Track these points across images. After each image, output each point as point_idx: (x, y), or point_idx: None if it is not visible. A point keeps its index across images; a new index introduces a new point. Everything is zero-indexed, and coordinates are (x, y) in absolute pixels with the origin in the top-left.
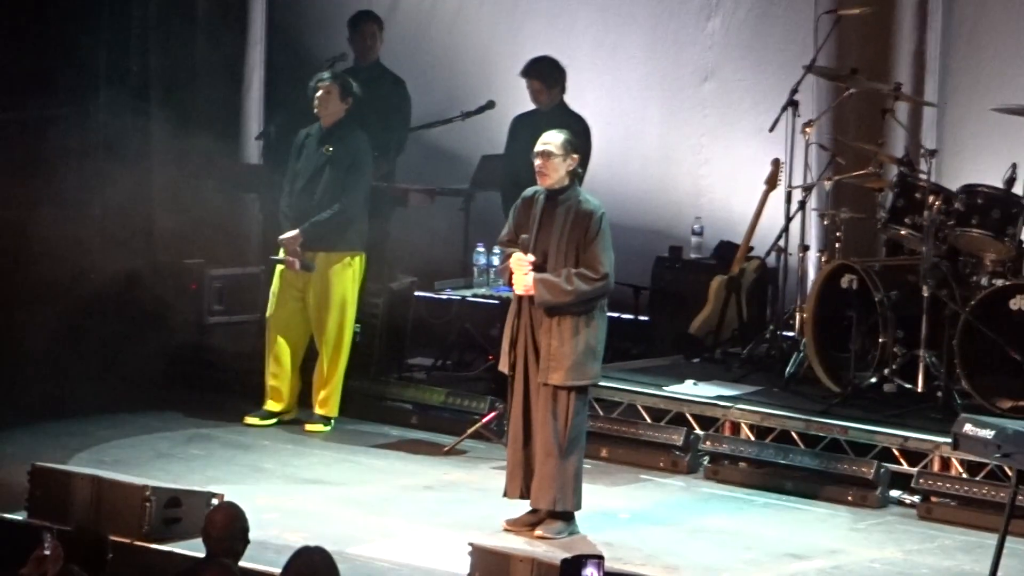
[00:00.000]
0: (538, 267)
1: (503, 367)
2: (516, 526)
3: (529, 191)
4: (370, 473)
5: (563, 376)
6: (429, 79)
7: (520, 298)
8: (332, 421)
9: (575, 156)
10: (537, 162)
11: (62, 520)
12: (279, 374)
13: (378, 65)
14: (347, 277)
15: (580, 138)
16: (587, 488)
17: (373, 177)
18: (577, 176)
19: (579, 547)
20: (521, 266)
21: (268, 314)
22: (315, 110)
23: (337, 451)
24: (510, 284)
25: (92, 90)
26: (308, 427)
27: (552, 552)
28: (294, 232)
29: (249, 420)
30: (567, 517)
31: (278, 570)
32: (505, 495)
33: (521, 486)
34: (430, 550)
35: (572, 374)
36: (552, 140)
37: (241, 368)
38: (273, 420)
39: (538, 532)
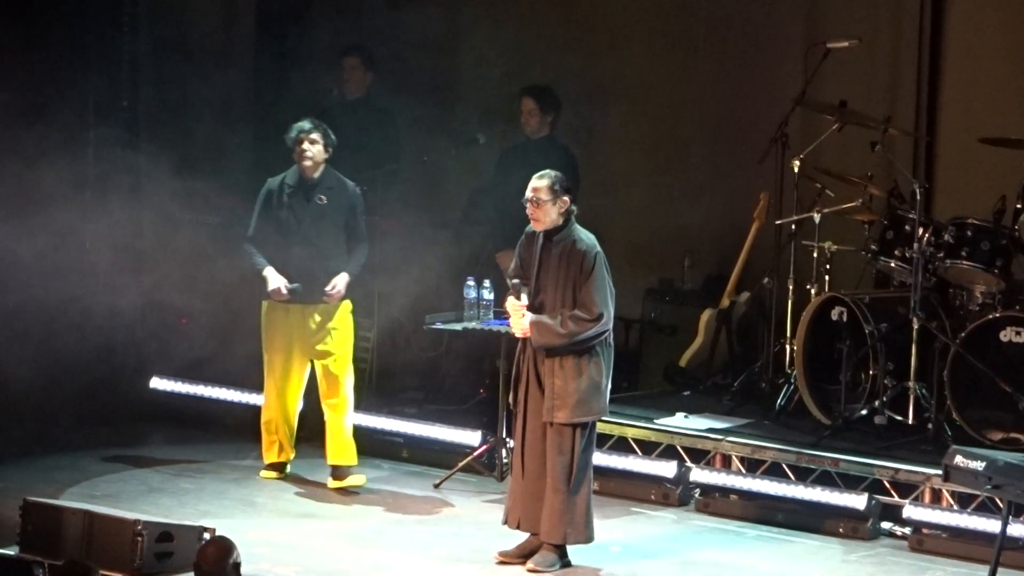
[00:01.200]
0: (539, 306)
1: (511, 402)
2: (508, 558)
3: (531, 227)
4: (362, 506)
5: (568, 414)
6: (420, 113)
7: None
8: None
9: (566, 198)
10: (528, 209)
11: (54, 554)
12: (282, 426)
13: (367, 98)
14: (352, 320)
15: (567, 173)
16: None
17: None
18: (572, 214)
19: None
20: (516, 311)
21: (269, 362)
22: (302, 161)
23: (328, 485)
24: None
25: (83, 125)
26: (351, 482)
27: None
28: (344, 275)
29: (266, 475)
30: (560, 550)
31: None
32: (505, 523)
33: (519, 517)
34: None
35: (577, 411)
36: (539, 186)
37: (231, 404)
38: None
39: (530, 565)
